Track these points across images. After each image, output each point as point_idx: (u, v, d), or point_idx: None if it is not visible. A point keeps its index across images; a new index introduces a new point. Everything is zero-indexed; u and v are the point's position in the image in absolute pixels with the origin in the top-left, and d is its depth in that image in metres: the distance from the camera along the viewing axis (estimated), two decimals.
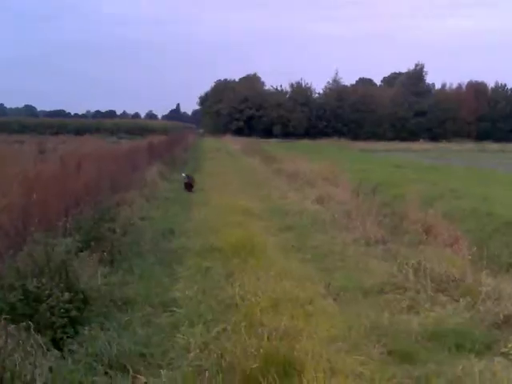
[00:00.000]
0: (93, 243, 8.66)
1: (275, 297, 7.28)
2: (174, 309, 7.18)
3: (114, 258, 8.89)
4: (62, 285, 6.06)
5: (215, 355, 5.62)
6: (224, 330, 6.41)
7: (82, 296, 6.41)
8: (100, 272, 7.92)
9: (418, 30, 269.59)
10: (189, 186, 20.18)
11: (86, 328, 6.03)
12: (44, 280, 5.95)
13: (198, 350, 5.86)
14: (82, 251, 8.18)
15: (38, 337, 5.28)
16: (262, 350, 5.50)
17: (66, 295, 5.90)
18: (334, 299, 8.10)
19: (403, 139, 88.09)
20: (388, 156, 49.31)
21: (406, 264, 9.48)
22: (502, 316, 7.18)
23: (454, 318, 7.30)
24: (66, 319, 5.85)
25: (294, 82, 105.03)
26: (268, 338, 5.91)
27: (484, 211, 14.58)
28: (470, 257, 9.62)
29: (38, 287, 5.85)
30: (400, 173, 29.30)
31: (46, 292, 5.84)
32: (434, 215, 12.68)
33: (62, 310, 5.83)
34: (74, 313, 5.94)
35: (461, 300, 7.96)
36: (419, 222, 12.95)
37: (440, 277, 8.74)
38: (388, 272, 9.28)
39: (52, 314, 5.76)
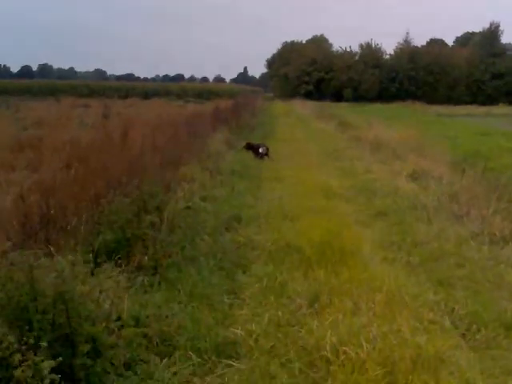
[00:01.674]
0: (130, 245, 6.41)
1: (388, 352, 4.71)
2: (231, 362, 4.79)
3: (157, 265, 6.53)
4: (44, 343, 3.73)
5: None
6: None
7: (90, 345, 4.13)
8: (133, 291, 5.67)
9: None
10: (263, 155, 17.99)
11: None
12: (11, 338, 3.61)
13: None
14: (111, 257, 5.96)
15: None
16: None
17: (46, 364, 3.58)
18: (463, 335, 5.59)
19: (481, 103, 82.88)
20: (470, 121, 45.44)
21: None
22: None
23: None
24: None
25: (363, 43, 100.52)
26: None
27: None
28: None
29: (7, 347, 3.57)
30: (491, 141, 26.10)
31: (18, 356, 3.57)
32: None
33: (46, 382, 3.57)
34: None
35: None
36: None
37: None
38: None
39: None
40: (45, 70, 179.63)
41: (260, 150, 18.03)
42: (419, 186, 13.00)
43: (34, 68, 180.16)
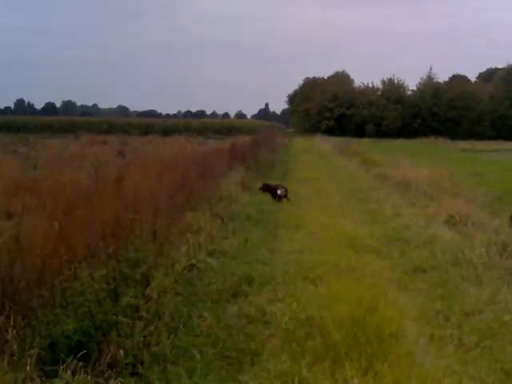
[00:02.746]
0: (104, 334, 4.86)
1: None
2: None
3: (136, 361, 4.91)
4: None
5: None
6: None
7: None
8: None
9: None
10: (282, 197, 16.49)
11: None
12: None
13: None
14: (74, 353, 4.42)
15: None
16: None
17: None
18: None
19: (505, 138, 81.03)
20: (497, 157, 43.68)
21: None
22: None
23: None
24: None
25: (385, 79, 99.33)
26: None
27: None
28: None
29: None
30: None
31: None
32: None
33: None
34: None
35: None
36: None
37: None
38: None
39: None
40: (68, 106, 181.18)
41: (278, 192, 16.52)
42: (460, 234, 11.33)
43: (58, 105, 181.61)
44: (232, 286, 7.76)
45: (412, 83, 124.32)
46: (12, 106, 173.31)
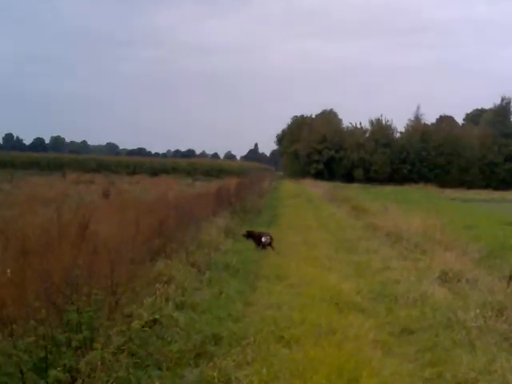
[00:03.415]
0: None
1: None
2: None
3: None
4: None
5: None
6: None
7: None
8: None
9: (501, 61, 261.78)
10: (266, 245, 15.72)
11: None
12: None
13: None
14: None
15: None
16: None
17: None
18: None
19: (494, 188, 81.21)
20: (488, 208, 43.10)
21: None
22: None
23: None
24: None
25: (373, 119, 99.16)
26: None
27: None
28: None
29: None
30: None
31: None
32: None
33: None
34: None
35: None
36: None
37: None
38: None
39: None
40: (57, 142, 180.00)
41: (263, 240, 15.75)
42: (453, 293, 10.55)
43: (47, 141, 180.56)
44: (196, 346, 6.91)
45: (399, 120, 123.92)
46: (0, 140, 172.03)
